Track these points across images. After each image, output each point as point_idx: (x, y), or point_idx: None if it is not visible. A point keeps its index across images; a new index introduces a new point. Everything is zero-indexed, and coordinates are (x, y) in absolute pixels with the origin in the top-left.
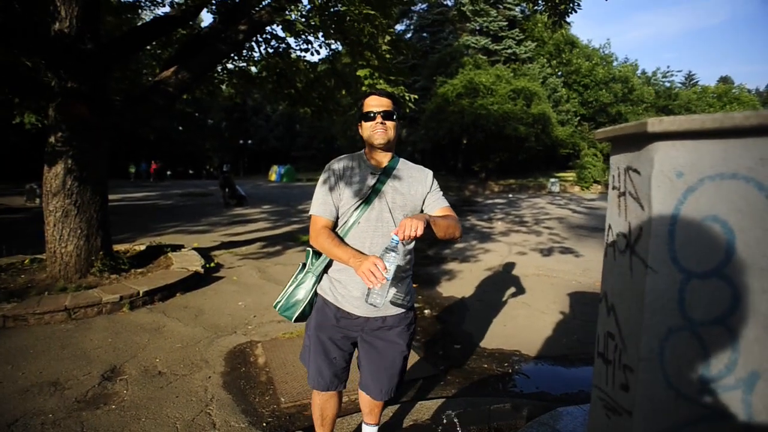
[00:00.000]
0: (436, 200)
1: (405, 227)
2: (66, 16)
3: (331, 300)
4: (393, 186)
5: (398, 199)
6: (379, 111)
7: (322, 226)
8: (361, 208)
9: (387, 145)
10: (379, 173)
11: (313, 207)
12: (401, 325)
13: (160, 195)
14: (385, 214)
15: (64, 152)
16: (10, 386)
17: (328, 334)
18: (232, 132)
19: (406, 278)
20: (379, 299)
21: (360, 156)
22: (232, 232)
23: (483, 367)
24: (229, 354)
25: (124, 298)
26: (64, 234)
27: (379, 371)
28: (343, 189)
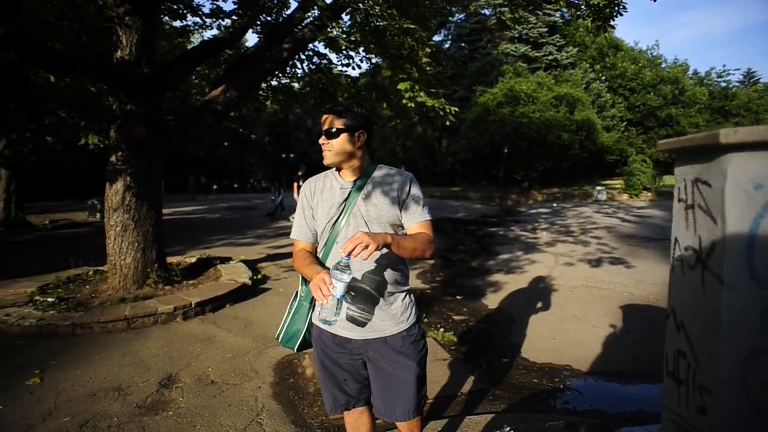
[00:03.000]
0: (410, 212)
1: (350, 243)
2: (126, 44)
3: (324, 327)
4: (365, 198)
5: (372, 211)
6: (323, 129)
7: (299, 249)
8: (336, 226)
9: (338, 164)
10: (349, 187)
11: (292, 231)
12: (406, 344)
13: (208, 209)
14: (362, 230)
15: (123, 170)
16: (80, 389)
17: (333, 360)
18: (275, 146)
19: (396, 294)
20: (330, 315)
21: (332, 172)
22: (277, 245)
23: (533, 381)
24: (277, 365)
25: (177, 309)
26: (123, 247)
27: (390, 394)
28: (315, 209)
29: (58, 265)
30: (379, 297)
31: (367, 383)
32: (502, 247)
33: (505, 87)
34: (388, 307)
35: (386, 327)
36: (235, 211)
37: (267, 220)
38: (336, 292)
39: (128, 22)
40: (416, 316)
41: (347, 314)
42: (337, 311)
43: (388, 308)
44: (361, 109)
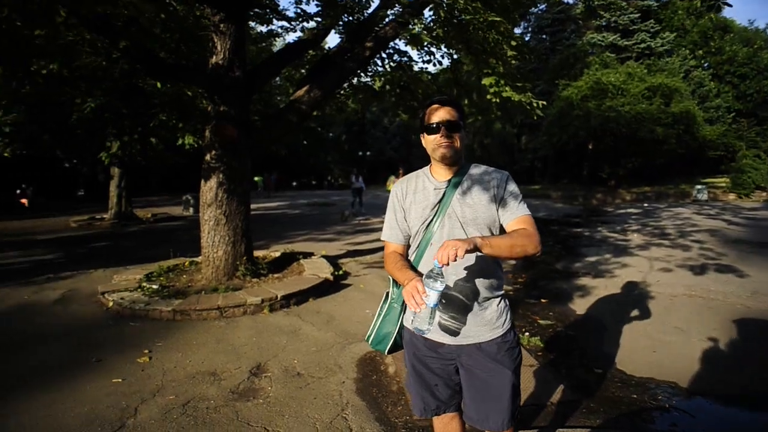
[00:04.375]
0: (508, 209)
1: (441, 252)
2: (221, 50)
3: (443, 323)
4: (460, 199)
5: (467, 212)
6: (443, 122)
7: (390, 251)
8: (430, 228)
9: (453, 159)
10: (443, 187)
11: (383, 232)
12: (501, 351)
13: (289, 205)
14: (456, 232)
15: (216, 168)
16: (181, 371)
17: (424, 364)
18: (351, 144)
19: (491, 299)
20: (423, 324)
21: (424, 172)
22: (356, 241)
23: (632, 397)
24: (360, 361)
25: (264, 301)
26: (215, 240)
27: (484, 402)
28: (408, 211)
29: (160, 255)
30: (471, 304)
31: (459, 389)
32: (588, 249)
33: (590, 79)
34: (482, 312)
35: (480, 333)
36: (315, 208)
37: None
38: (429, 301)
39: (222, 28)
40: (511, 321)
41: (440, 322)
42: (430, 320)
43: (482, 313)
44: None
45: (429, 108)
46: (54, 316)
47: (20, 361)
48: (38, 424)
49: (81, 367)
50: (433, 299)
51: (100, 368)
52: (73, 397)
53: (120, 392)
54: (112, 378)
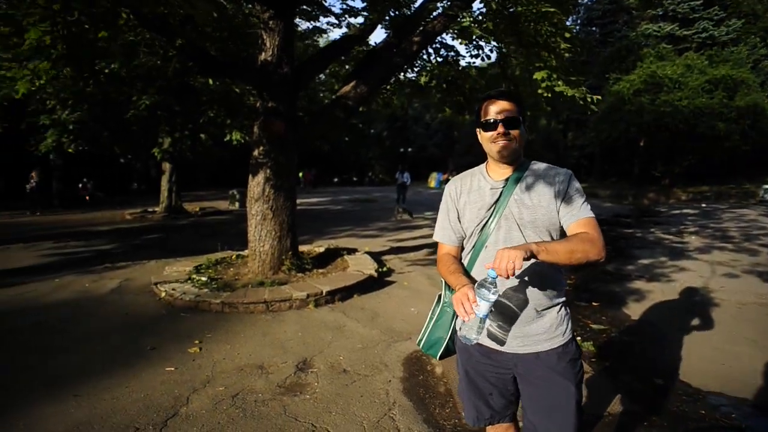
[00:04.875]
0: (570, 210)
1: (499, 261)
2: (270, 46)
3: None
4: (518, 199)
5: (525, 213)
6: (501, 118)
7: (443, 252)
8: (485, 229)
9: (511, 158)
10: (500, 187)
11: (435, 233)
12: (562, 362)
13: (330, 200)
14: (514, 234)
15: (264, 164)
16: (230, 363)
17: (479, 372)
18: (393, 140)
19: (551, 307)
20: (471, 333)
21: (480, 170)
22: (399, 238)
23: (700, 412)
24: (406, 360)
25: (310, 296)
26: (262, 235)
27: (545, 416)
28: (462, 211)
29: (207, 248)
30: (524, 313)
31: (515, 399)
32: (641, 251)
33: (644, 72)
34: (539, 320)
35: (539, 341)
36: (357, 204)
37: (390, 213)
38: (479, 311)
39: (272, 25)
40: (572, 331)
41: (487, 329)
42: (479, 329)
43: (539, 321)
44: None
45: (486, 101)
46: (112, 303)
47: (83, 346)
48: (102, 407)
49: (137, 355)
50: (483, 309)
51: (155, 356)
52: (131, 382)
53: (173, 380)
54: (165, 366)
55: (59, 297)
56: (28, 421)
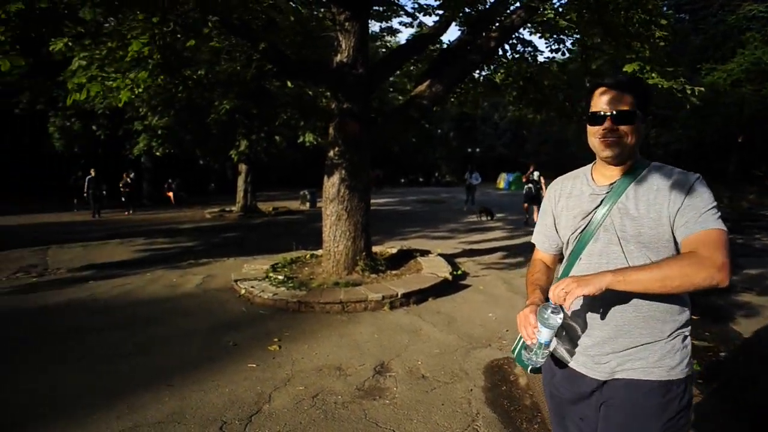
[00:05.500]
0: (684, 222)
1: (554, 288)
2: (345, 48)
3: (561, 355)
4: (622, 208)
5: (628, 225)
6: (610, 112)
7: (535, 258)
8: (581, 239)
9: (619, 159)
10: (603, 193)
11: (534, 234)
12: (652, 400)
13: (398, 201)
14: (612, 248)
15: (339, 164)
16: (308, 363)
17: (562, 395)
18: (460, 141)
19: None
20: (532, 358)
21: (584, 172)
22: (471, 240)
23: None
24: (487, 368)
25: (385, 298)
26: (336, 235)
27: None
28: (558, 216)
29: (281, 246)
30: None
31: None
32: (746, 259)
33: (746, 60)
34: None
35: (639, 370)
36: (425, 204)
37: (459, 214)
38: (540, 337)
39: (347, 27)
40: (688, 366)
41: (555, 349)
42: (542, 355)
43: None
44: None
45: (595, 90)
46: (196, 298)
47: (173, 338)
48: (192, 398)
49: (221, 350)
50: (544, 336)
51: (237, 352)
52: (216, 376)
53: (255, 377)
54: (247, 363)
55: (152, 290)
56: (130, 405)
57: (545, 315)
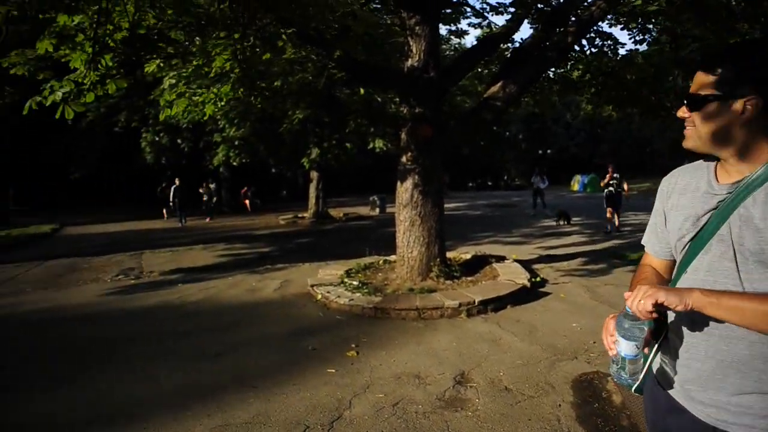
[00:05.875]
0: None
1: (633, 296)
2: (416, 52)
3: (660, 378)
4: (744, 215)
5: (748, 238)
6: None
7: (644, 262)
8: (691, 248)
9: (708, 152)
10: (723, 193)
11: (644, 234)
12: None
13: (468, 205)
14: (725, 264)
15: (412, 169)
16: (387, 370)
17: (663, 426)
18: (530, 142)
19: None
20: (621, 374)
21: (709, 164)
22: (547, 245)
23: None
24: (575, 382)
25: (462, 305)
26: (410, 241)
27: None
28: (668, 215)
29: (354, 252)
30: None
31: None
32: None
33: None
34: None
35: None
36: (496, 209)
37: (532, 218)
38: (620, 349)
39: (418, 31)
40: None
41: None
42: (624, 369)
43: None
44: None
45: None
46: (274, 302)
47: (256, 341)
48: (275, 401)
49: (300, 354)
50: (624, 348)
51: (316, 357)
52: (297, 380)
53: (334, 382)
54: (326, 368)
55: (233, 294)
56: (219, 404)
57: (625, 324)
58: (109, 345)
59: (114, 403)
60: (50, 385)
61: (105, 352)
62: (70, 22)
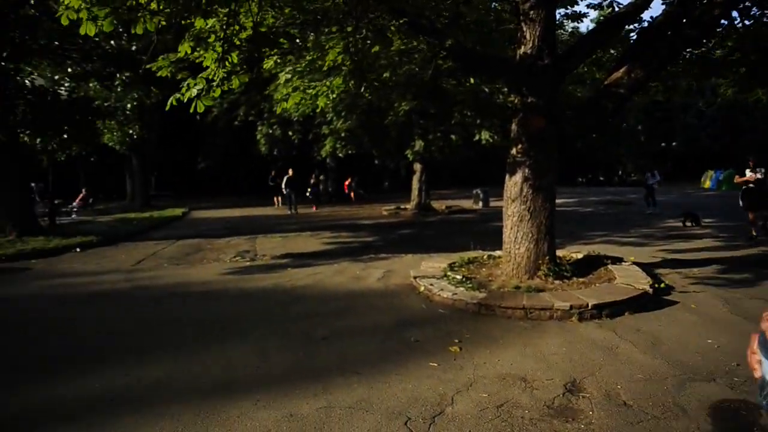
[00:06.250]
0: None
1: None
2: (530, 38)
3: None
4: None
5: None
6: None
7: None
8: None
9: None
10: None
11: None
12: None
13: (578, 201)
14: None
15: (522, 162)
16: (490, 369)
17: None
18: (650, 134)
19: None
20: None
21: None
22: (672, 248)
23: None
24: (714, 409)
25: (573, 308)
26: (518, 237)
27: None
28: None
29: (456, 245)
30: None
31: None
32: None
33: None
34: None
35: None
36: (609, 206)
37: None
38: (764, 369)
39: (532, 15)
40: None
41: None
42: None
43: None
44: None
45: None
46: (378, 291)
47: (360, 328)
48: (377, 388)
49: (402, 345)
50: None
51: (418, 349)
52: (399, 370)
53: (436, 377)
54: (428, 361)
55: (338, 281)
56: (325, 386)
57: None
58: (226, 320)
59: (230, 374)
60: (174, 352)
61: (222, 326)
62: (204, 26)
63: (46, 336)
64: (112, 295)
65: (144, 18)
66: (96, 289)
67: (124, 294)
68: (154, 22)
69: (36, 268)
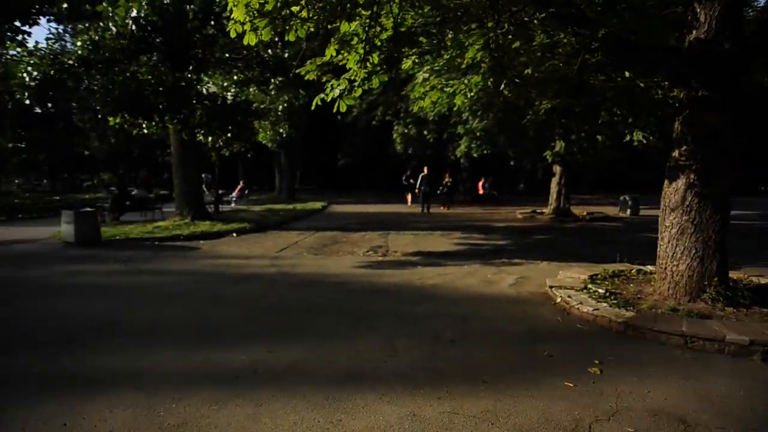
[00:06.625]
0: None
1: None
2: (705, 20)
3: None
4: None
5: None
6: None
7: None
8: None
9: None
10: None
11: None
12: None
13: (760, 215)
14: None
15: (686, 166)
16: (638, 401)
17: None
18: None
19: None
20: None
21: None
22: None
23: None
24: None
25: (755, 344)
26: (677, 252)
27: None
28: None
29: (597, 255)
30: None
31: None
32: None
33: None
34: None
35: None
36: None
37: None
38: None
39: None
40: None
41: None
42: None
43: None
44: None
45: None
46: (509, 298)
47: (486, 334)
48: (504, 401)
49: (534, 358)
50: None
51: (551, 365)
52: (529, 386)
53: (572, 399)
54: (563, 380)
55: (468, 283)
56: (450, 390)
57: None
58: (356, 312)
59: (357, 365)
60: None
61: (352, 318)
62: (348, 29)
63: (209, 308)
64: (259, 278)
65: (296, 26)
66: (247, 272)
67: (269, 278)
68: (305, 29)
69: (203, 248)
